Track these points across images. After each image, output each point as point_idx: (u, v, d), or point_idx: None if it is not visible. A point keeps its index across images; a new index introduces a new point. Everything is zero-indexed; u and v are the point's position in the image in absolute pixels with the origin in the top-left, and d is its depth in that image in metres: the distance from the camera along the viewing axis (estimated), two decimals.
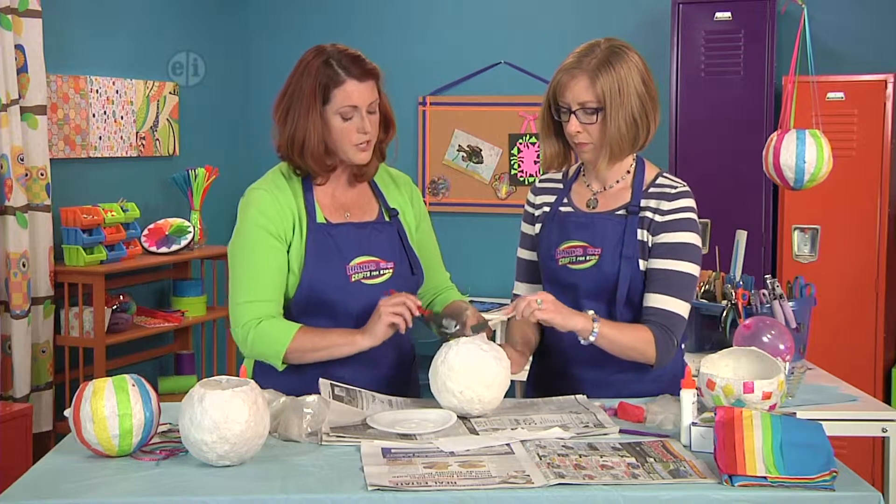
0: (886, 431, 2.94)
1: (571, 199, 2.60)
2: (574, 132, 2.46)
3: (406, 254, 2.57)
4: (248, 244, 2.46)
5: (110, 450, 2.07)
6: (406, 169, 2.72)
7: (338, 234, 2.48)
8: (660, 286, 2.46)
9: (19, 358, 4.27)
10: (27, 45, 4.29)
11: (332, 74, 2.42)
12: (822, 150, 3.39)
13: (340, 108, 2.43)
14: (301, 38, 6.02)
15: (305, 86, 2.43)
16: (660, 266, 2.47)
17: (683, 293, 2.47)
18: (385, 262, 2.52)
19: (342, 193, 2.56)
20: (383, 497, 1.89)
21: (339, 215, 2.53)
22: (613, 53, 2.44)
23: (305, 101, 2.43)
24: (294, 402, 2.24)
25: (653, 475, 1.97)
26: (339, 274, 2.46)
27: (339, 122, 2.44)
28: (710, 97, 4.93)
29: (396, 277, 2.53)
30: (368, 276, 2.49)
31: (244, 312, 2.43)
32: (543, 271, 2.60)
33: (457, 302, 2.64)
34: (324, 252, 2.46)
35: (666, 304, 2.45)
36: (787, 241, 4.79)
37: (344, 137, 2.45)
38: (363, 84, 2.44)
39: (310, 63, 2.45)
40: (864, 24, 5.14)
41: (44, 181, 4.39)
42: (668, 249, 2.47)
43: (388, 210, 2.60)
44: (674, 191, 2.51)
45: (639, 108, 2.44)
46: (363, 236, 2.51)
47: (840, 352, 4.55)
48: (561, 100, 2.47)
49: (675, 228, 2.47)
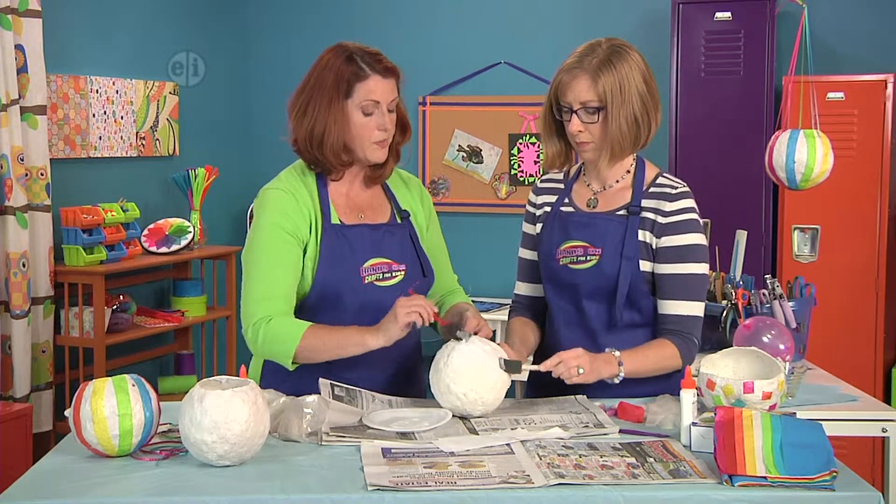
0: (886, 431, 2.94)
1: (572, 198, 2.61)
2: (576, 131, 2.47)
3: (418, 256, 2.57)
4: (263, 242, 2.44)
5: (110, 450, 2.07)
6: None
7: (352, 236, 2.48)
8: (672, 292, 2.48)
9: (19, 358, 4.27)
10: (27, 45, 4.30)
11: (356, 69, 2.44)
12: (813, 149, 3.36)
13: (362, 102, 2.44)
14: (301, 38, 6.04)
15: (328, 79, 2.44)
16: (669, 271, 2.48)
17: (697, 294, 2.49)
18: (397, 265, 2.52)
19: (356, 194, 2.56)
20: (383, 497, 1.89)
21: (353, 216, 2.52)
22: (615, 53, 2.45)
23: (327, 94, 2.43)
24: (294, 402, 2.24)
25: (653, 475, 1.97)
26: (353, 275, 2.46)
27: (359, 117, 2.45)
28: (710, 97, 4.93)
29: (408, 279, 2.52)
30: (381, 278, 2.49)
31: (255, 310, 2.41)
32: (544, 271, 2.60)
33: (460, 304, 2.63)
34: (338, 253, 2.46)
35: (681, 310, 2.47)
36: (787, 241, 4.79)
37: (364, 133, 2.45)
38: (386, 81, 2.47)
39: (332, 58, 2.46)
40: (864, 24, 5.14)
41: (44, 181, 4.39)
42: (675, 253, 2.48)
43: (399, 212, 2.59)
44: (674, 191, 2.51)
45: (640, 108, 2.45)
46: (377, 238, 2.51)
47: (840, 352, 4.55)
48: (562, 99, 2.48)
49: (680, 230, 2.48)
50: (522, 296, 2.72)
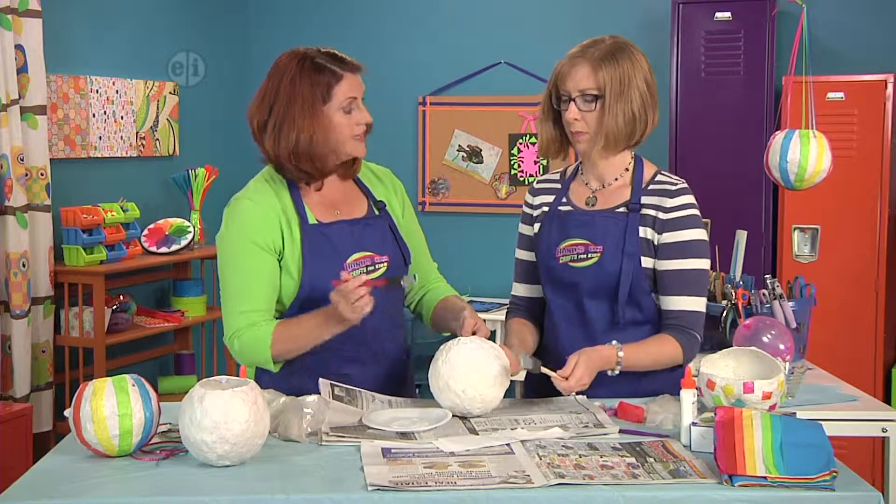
0: (886, 431, 2.94)
1: (570, 198, 2.61)
2: (572, 119, 2.49)
3: (398, 245, 2.58)
4: (234, 256, 2.47)
5: (110, 450, 2.07)
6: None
7: (332, 233, 2.49)
8: (674, 287, 2.49)
9: (19, 358, 4.27)
10: (27, 45, 4.30)
11: (329, 73, 2.44)
12: (806, 150, 3.35)
13: (342, 102, 2.45)
14: (301, 39, 5.99)
15: (302, 91, 2.43)
16: (671, 267, 2.49)
17: (698, 290, 2.51)
18: (380, 256, 2.53)
19: (330, 192, 2.57)
20: (383, 497, 1.89)
21: (329, 214, 2.53)
22: (619, 49, 2.48)
23: (307, 104, 2.43)
24: (294, 402, 2.24)
25: (653, 475, 1.97)
26: (339, 272, 2.46)
27: (340, 117, 2.46)
28: (710, 97, 4.93)
29: (392, 269, 2.54)
30: (365, 272, 2.49)
31: (232, 323, 2.46)
32: (544, 270, 2.60)
33: (452, 300, 2.64)
34: (321, 252, 2.47)
35: (683, 305, 2.49)
36: (787, 241, 4.79)
37: (346, 131, 2.46)
38: (355, 76, 2.49)
39: (297, 69, 2.45)
40: (863, 24, 5.14)
41: (44, 181, 4.39)
42: (677, 249, 2.49)
43: (376, 203, 2.61)
44: (674, 188, 2.52)
45: (639, 105, 2.47)
46: (356, 232, 2.52)
47: (840, 352, 4.54)
48: (562, 87, 2.50)
49: (681, 226, 2.50)
50: (520, 297, 2.72)
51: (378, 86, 5.83)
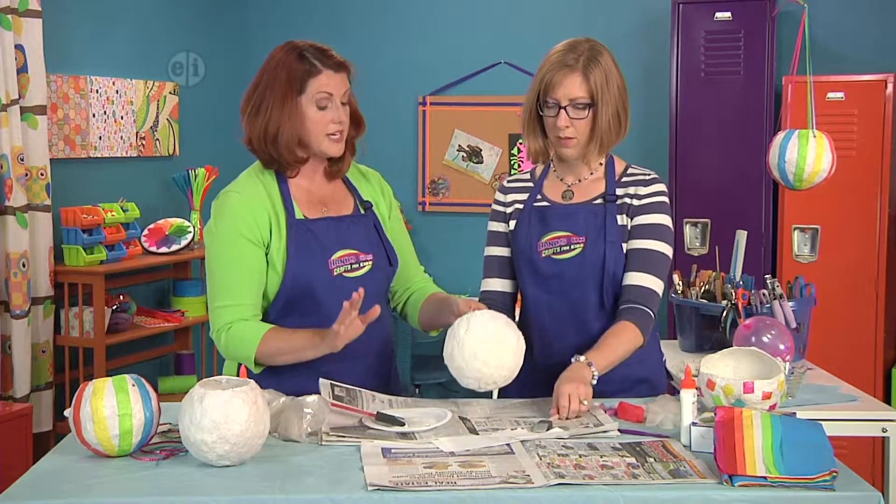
0: (886, 431, 2.94)
1: (545, 194, 2.66)
2: (563, 126, 2.52)
3: (383, 245, 2.59)
4: (223, 249, 2.47)
5: (110, 450, 2.07)
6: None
7: (317, 229, 2.50)
8: (637, 264, 2.55)
9: (19, 358, 4.27)
10: (27, 45, 4.30)
11: (308, 65, 2.47)
12: (804, 150, 3.35)
13: (316, 96, 2.46)
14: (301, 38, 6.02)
15: (280, 78, 2.47)
16: (637, 246, 2.56)
17: (658, 271, 2.56)
18: (364, 255, 2.54)
19: (318, 189, 2.58)
20: (383, 497, 1.89)
21: (316, 210, 2.54)
22: (595, 50, 2.55)
23: (280, 91, 2.46)
24: (294, 402, 2.24)
25: (653, 475, 1.97)
26: (322, 268, 2.47)
27: (314, 112, 2.47)
28: (710, 97, 4.93)
29: (376, 269, 2.55)
30: (349, 269, 2.50)
31: (219, 317, 2.46)
32: (524, 265, 2.62)
33: (440, 294, 2.65)
34: (306, 248, 2.47)
35: (643, 281, 2.54)
36: (787, 241, 4.79)
37: (318, 128, 2.48)
38: (338, 75, 2.49)
39: (283, 57, 2.49)
40: (864, 24, 5.14)
41: (44, 181, 4.39)
42: (646, 230, 2.57)
43: (362, 203, 2.62)
44: (648, 177, 2.62)
45: (621, 101, 2.56)
46: (342, 230, 2.53)
47: (840, 352, 4.54)
48: (551, 95, 2.54)
49: (652, 211, 2.58)
50: (494, 291, 2.72)
51: (378, 86, 5.89)
